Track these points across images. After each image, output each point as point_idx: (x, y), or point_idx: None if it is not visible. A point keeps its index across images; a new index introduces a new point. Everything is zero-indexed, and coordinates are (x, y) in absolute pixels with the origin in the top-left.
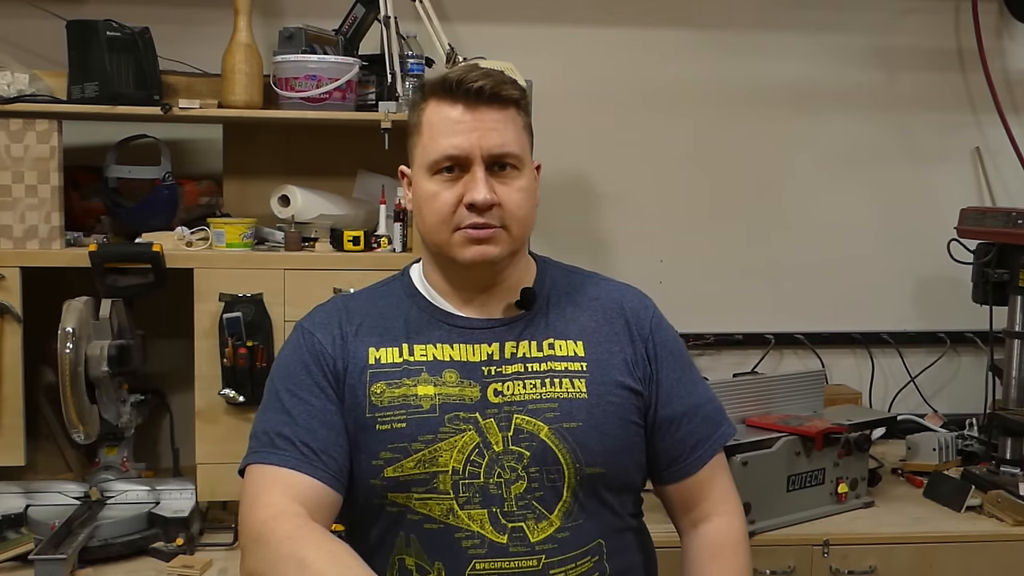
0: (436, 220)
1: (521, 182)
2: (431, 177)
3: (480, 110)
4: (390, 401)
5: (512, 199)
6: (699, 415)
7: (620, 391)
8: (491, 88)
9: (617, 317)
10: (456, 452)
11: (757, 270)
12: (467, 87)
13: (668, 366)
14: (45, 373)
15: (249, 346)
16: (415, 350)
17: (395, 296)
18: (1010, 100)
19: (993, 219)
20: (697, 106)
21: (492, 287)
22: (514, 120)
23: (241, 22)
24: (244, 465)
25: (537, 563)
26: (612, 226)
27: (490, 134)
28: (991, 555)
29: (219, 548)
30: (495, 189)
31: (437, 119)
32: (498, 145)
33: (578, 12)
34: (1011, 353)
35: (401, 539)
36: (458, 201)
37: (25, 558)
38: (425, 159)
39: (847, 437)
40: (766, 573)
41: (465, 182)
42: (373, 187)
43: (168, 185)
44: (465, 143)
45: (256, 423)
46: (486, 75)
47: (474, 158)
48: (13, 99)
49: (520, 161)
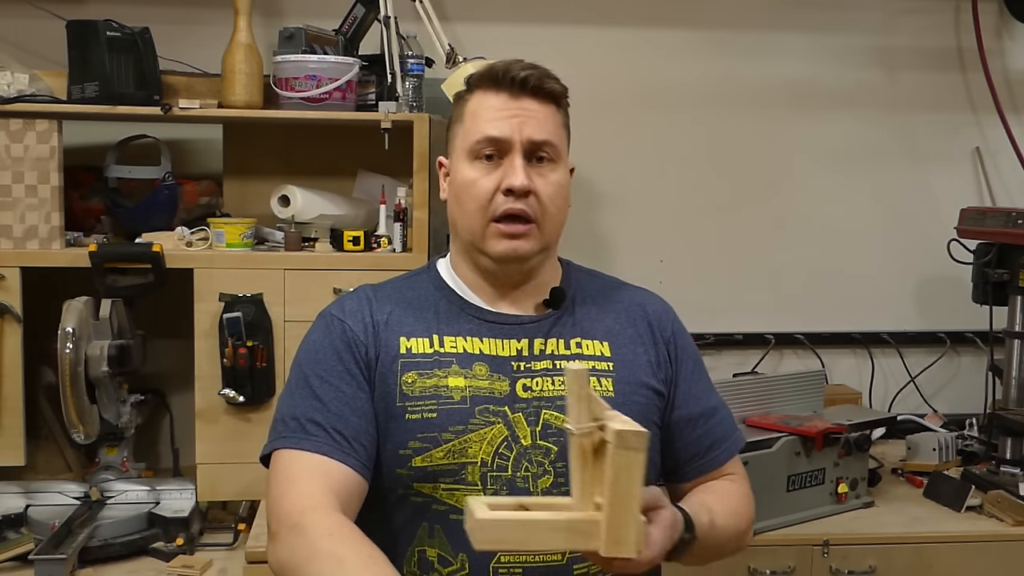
0: (474, 207)
1: (556, 176)
2: (471, 163)
3: (523, 100)
4: (421, 391)
5: (547, 191)
6: (715, 417)
7: (645, 391)
8: (535, 80)
9: (640, 320)
10: (485, 444)
11: (757, 270)
12: (512, 76)
13: (687, 368)
14: (45, 373)
15: (249, 346)
16: (445, 342)
17: (423, 288)
18: (1010, 100)
19: (993, 219)
20: (697, 106)
21: (522, 285)
22: (554, 115)
23: (241, 22)
24: (272, 449)
25: (561, 557)
26: (612, 226)
27: (530, 123)
28: (991, 555)
29: (219, 548)
30: (532, 178)
31: (481, 107)
32: (538, 134)
33: (578, 12)
34: (1011, 353)
35: (424, 529)
36: (496, 187)
37: (25, 558)
38: (466, 143)
39: (847, 437)
40: (766, 573)
41: (504, 169)
42: (373, 187)
43: (168, 185)
44: (507, 128)
45: (282, 408)
46: (531, 67)
47: (514, 144)
48: (13, 99)
49: (557, 154)
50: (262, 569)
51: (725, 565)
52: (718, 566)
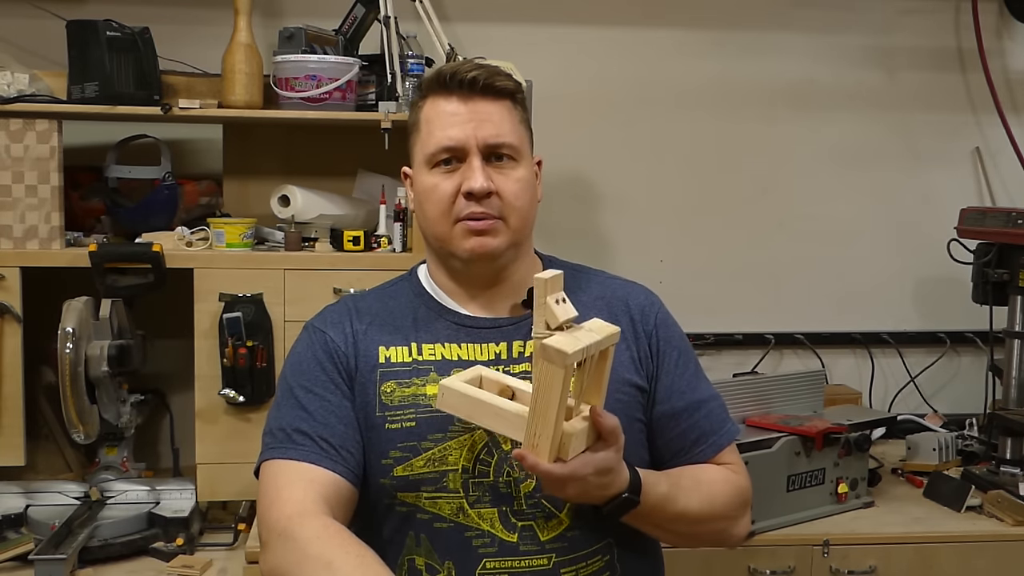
0: (436, 212)
1: (518, 173)
2: (430, 171)
3: (475, 101)
4: (400, 400)
5: (509, 189)
6: (701, 411)
7: (627, 388)
8: (484, 79)
9: (622, 315)
10: (466, 451)
11: (757, 270)
12: (460, 78)
13: (670, 361)
14: (45, 373)
15: (249, 346)
16: (424, 349)
17: (403, 296)
18: (1010, 100)
19: (993, 219)
20: (697, 106)
21: (496, 284)
22: (510, 112)
23: (241, 22)
24: (261, 462)
25: (548, 562)
26: (612, 226)
27: (485, 125)
28: (991, 555)
29: (219, 548)
30: (492, 179)
31: (434, 114)
32: (493, 135)
33: (578, 12)
34: (1011, 353)
35: (411, 539)
36: (456, 191)
37: (25, 558)
38: (424, 153)
39: (847, 437)
40: (766, 573)
41: (462, 172)
42: (373, 187)
43: (168, 185)
44: (460, 134)
45: (270, 421)
46: (479, 67)
47: (470, 148)
48: (13, 99)
49: (517, 152)
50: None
51: (725, 565)
52: (718, 566)
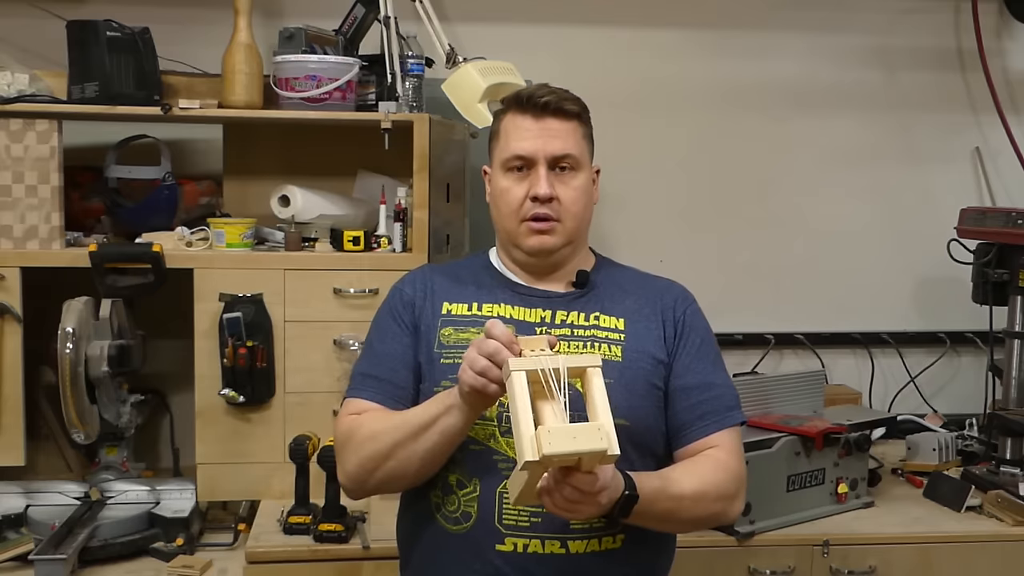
0: (508, 211)
1: (577, 181)
2: (505, 174)
3: (546, 120)
4: (455, 342)
5: (568, 195)
6: (712, 391)
7: (649, 359)
8: (555, 103)
9: (657, 302)
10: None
11: (757, 270)
12: (535, 101)
13: (692, 345)
14: (45, 373)
15: (249, 346)
16: (484, 308)
17: (473, 268)
18: (1010, 100)
19: (993, 219)
20: (697, 106)
21: (553, 272)
22: (575, 130)
23: (241, 22)
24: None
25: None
26: (612, 226)
27: (552, 140)
28: (991, 555)
29: (219, 548)
30: (555, 186)
31: (512, 127)
32: (558, 149)
33: (578, 12)
34: (1011, 353)
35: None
36: (525, 195)
37: (25, 558)
38: (500, 158)
39: (847, 437)
40: (766, 573)
41: (531, 179)
42: (373, 187)
43: (168, 185)
44: (531, 147)
45: (353, 368)
46: (552, 92)
47: (538, 159)
48: (13, 99)
49: (578, 163)
50: (262, 569)
51: (725, 565)
52: (719, 566)
